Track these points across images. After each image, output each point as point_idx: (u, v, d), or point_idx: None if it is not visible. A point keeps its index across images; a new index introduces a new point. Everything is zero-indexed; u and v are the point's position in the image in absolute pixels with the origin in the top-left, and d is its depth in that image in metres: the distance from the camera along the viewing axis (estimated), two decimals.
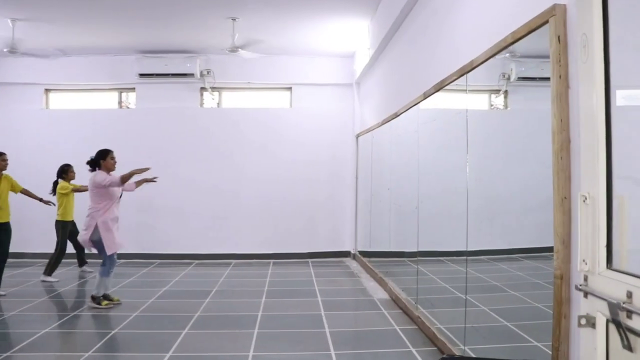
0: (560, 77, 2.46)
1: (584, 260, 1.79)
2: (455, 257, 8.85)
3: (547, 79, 8.00)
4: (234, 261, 8.94)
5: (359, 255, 8.83)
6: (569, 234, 2.45)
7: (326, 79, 9.41)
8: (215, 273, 7.87)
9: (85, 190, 6.36)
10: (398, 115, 6.14)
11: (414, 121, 5.39)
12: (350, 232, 9.36)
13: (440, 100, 4.68)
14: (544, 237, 8.20)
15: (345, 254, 9.40)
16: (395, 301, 5.98)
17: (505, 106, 9.89)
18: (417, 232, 5.55)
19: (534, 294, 6.20)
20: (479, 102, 9.22)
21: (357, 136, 9.18)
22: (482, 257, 8.85)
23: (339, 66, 9.37)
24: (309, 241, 9.28)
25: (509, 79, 9.34)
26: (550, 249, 7.82)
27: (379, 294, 6.52)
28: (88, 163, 5.89)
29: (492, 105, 7.79)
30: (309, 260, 9.07)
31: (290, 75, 9.33)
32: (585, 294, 1.79)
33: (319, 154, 9.37)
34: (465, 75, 3.87)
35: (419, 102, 5.16)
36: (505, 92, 9.90)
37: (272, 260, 8.98)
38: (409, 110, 5.59)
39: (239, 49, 7.45)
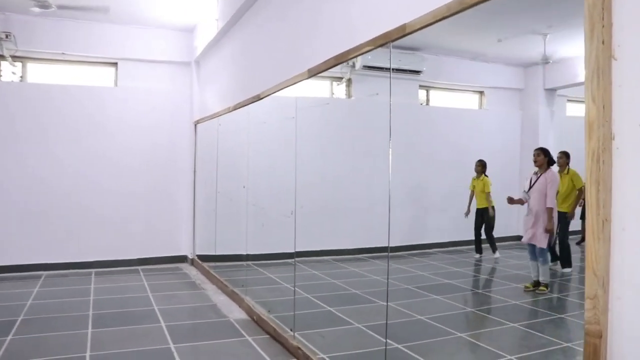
0: (603, 42, 1.68)
1: None
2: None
3: (394, 70, 7.40)
4: (44, 273, 7.17)
5: (199, 261, 7.66)
6: (608, 273, 1.69)
7: (159, 55, 8.00)
8: (21, 293, 6.13)
9: None
10: (261, 99, 5.13)
11: (291, 106, 4.44)
12: (187, 233, 8.12)
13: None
14: (386, 236, 7.61)
15: (181, 258, 8.15)
16: (259, 322, 4.99)
17: (349, 95, 9.32)
18: (294, 233, 4.56)
19: (411, 304, 5.65)
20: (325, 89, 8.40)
21: (196, 123, 7.96)
22: (325, 257, 8.27)
23: (175, 41, 8.03)
24: (139, 245, 7.85)
25: (353, 66, 8.68)
26: (394, 249, 7.30)
27: (234, 312, 5.47)
28: None
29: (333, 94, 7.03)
30: (139, 267, 7.66)
31: (116, 49, 7.74)
32: None
33: (150, 144, 7.95)
34: (388, 45, 2.98)
35: (298, 82, 4.21)
36: (349, 80, 9.29)
37: (93, 270, 7.39)
38: (281, 92, 4.61)
39: (53, 5, 5.80)
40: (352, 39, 3.29)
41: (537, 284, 6.28)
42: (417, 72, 9.09)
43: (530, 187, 6.13)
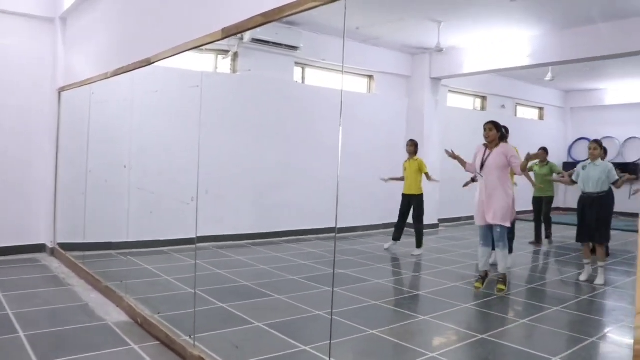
0: None
1: None
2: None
3: (282, 45, 6.87)
4: None
5: (61, 250, 6.60)
6: None
7: (12, 5, 6.69)
8: None
9: None
10: (152, 63, 4.34)
11: (195, 73, 3.73)
12: (46, 218, 6.96)
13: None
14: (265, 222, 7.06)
15: (38, 248, 6.98)
16: (145, 326, 4.23)
17: (234, 70, 8.58)
18: (195, 220, 3.86)
19: (304, 298, 5.16)
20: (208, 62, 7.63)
21: (60, 91, 6.83)
22: (242, 242, 7.60)
23: None
24: None
25: (242, 39, 7.99)
26: (263, 236, 6.85)
27: (112, 313, 4.64)
28: None
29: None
30: None
31: None
32: None
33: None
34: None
35: (209, 44, 3.52)
36: (235, 54, 8.54)
37: None
38: (181, 55, 3.88)
39: None
40: None
41: (485, 275, 5.76)
42: (294, 47, 8.62)
43: (483, 164, 5.59)
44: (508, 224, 5.47)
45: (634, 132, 13.20)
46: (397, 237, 7.89)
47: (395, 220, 7.98)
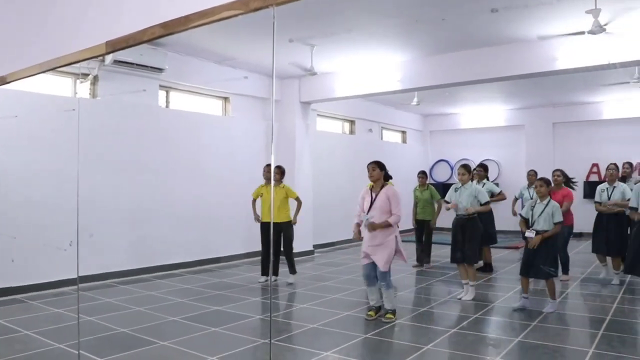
0: None
1: None
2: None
3: (146, 67, 6.39)
4: None
5: None
6: None
7: None
8: None
9: None
10: (7, 82, 3.67)
11: (72, 98, 3.17)
12: None
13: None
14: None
15: None
16: None
17: (94, 95, 7.86)
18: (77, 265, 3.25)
19: (192, 342, 4.65)
20: (64, 86, 6.90)
21: None
22: (108, 281, 6.76)
23: None
24: None
25: (103, 61, 7.36)
26: (180, 265, 6.32)
27: None
28: None
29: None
30: None
31: None
32: None
33: None
34: (270, 7, 2.09)
35: (85, 60, 3.00)
36: (96, 77, 7.83)
37: None
38: (44, 75, 3.29)
39: None
40: None
41: (378, 309, 5.66)
42: (159, 69, 8.07)
43: (371, 205, 5.54)
44: (386, 268, 5.48)
45: (488, 154, 14.20)
46: (266, 273, 7.43)
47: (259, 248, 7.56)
